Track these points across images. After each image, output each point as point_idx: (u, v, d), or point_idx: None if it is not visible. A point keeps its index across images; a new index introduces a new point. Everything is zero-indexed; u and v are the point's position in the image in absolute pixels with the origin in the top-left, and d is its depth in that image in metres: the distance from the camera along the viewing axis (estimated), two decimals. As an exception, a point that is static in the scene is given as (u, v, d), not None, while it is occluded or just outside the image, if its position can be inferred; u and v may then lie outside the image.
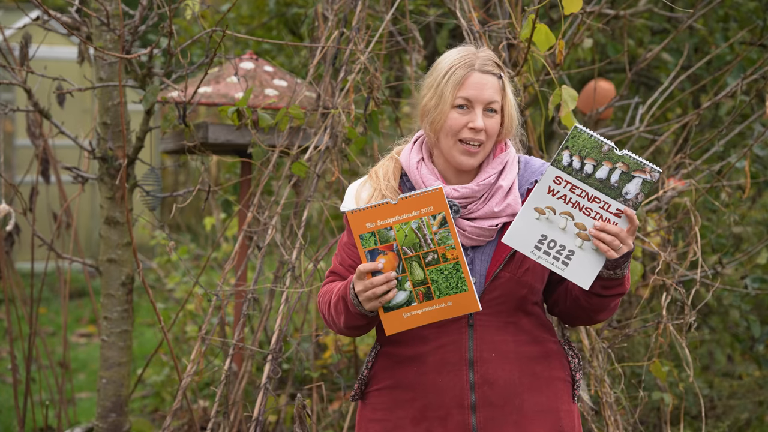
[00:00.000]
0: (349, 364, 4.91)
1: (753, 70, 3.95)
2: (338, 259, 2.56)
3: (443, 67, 2.46)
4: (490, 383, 2.42)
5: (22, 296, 4.80)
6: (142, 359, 6.52)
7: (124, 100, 3.71)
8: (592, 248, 2.30)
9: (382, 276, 2.29)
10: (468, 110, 2.42)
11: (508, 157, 2.49)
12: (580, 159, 2.23)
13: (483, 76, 2.43)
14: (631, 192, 2.24)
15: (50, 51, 8.34)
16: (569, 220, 2.28)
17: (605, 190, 2.24)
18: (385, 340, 2.51)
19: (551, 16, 4.87)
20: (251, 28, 5.93)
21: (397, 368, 2.49)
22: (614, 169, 2.23)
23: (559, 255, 2.30)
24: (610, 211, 2.26)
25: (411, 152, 2.52)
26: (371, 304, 2.32)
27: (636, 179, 2.23)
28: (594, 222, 2.28)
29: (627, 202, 2.25)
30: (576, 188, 2.25)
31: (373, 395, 2.54)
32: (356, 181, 2.59)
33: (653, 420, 4.63)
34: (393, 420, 2.48)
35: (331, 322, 2.51)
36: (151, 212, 4.23)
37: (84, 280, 8.04)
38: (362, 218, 2.28)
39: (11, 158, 9.43)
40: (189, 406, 3.84)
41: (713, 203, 4.35)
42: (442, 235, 2.28)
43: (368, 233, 2.28)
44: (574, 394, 2.54)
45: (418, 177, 2.47)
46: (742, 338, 4.91)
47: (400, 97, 5.37)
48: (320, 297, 2.54)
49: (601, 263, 2.31)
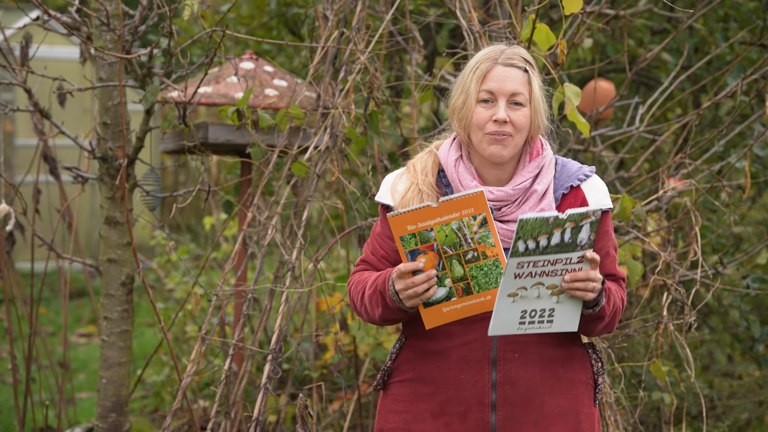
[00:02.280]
0: (349, 364, 4.91)
1: (753, 70, 3.95)
2: (370, 248, 2.56)
3: (470, 65, 2.48)
4: (512, 383, 2.43)
5: (22, 296, 4.80)
6: (142, 359, 6.51)
7: (124, 100, 3.71)
8: (568, 297, 2.34)
9: (423, 275, 2.31)
10: (492, 104, 2.43)
11: (545, 161, 2.49)
12: (534, 240, 2.25)
13: (506, 69, 2.43)
14: (584, 238, 2.28)
15: (50, 51, 8.34)
16: (541, 287, 2.32)
17: (563, 250, 2.28)
18: (411, 333, 2.53)
19: (551, 16, 4.87)
20: (251, 28, 5.93)
21: (420, 361, 2.50)
22: (564, 230, 2.26)
23: (542, 318, 2.35)
24: (572, 262, 2.30)
25: (450, 149, 2.52)
26: (412, 301, 2.34)
27: (585, 226, 2.27)
28: (562, 278, 2.31)
29: (583, 247, 2.28)
30: (538, 262, 2.28)
31: (395, 386, 2.55)
32: (392, 172, 2.59)
33: (653, 420, 4.63)
34: (413, 412, 2.49)
35: (362, 311, 2.51)
36: (151, 212, 4.23)
37: (84, 280, 8.04)
38: (403, 221, 2.30)
39: (11, 158, 9.43)
40: (189, 406, 3.84)
41: (713, 203, 4.35)
42: (482, 234, 2.31)
43: (409, 235, 2.31)
44: (596, 397, 2.55)
45: (455, 175, 2.47)
46: (742, 338, 4.91)
47: (400, 97, 5.37)
48: (351, 285, 2.54)
49: (581, 304, 2.36)
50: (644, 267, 3.79)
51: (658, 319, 3.59)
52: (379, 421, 2.58)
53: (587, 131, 3.12)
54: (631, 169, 4.66)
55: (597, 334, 2.51)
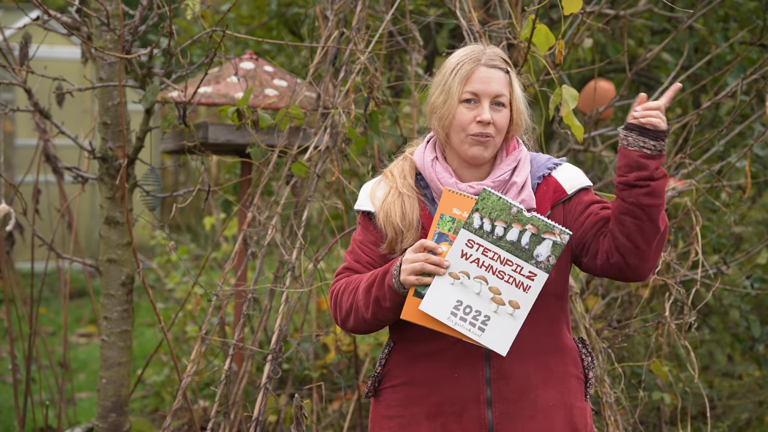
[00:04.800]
0: (349, 364, 4.91)
1: (753, 70, 3.95)
2: (353, 257, 2.55)
3: (450, 65, 2.48)
4: (506, 378, 2.43)
5: (22, 296, 4.80)
6: (142, 359, 6.51)
7: (124, 100, 3.71)
8: (507, 312, 2.29)
9: (438, 258, 2.30)
10: (475, 104, 2.44)
11: (521, 155, 2.51)
12: (491, 221, 2.24)
13: (489, 70, 2.44)
14: (542, 255, 2.25)
15: (50, 51, 8.34)
16: (483, 284, 2.29)
17: (517, 252, 2.25)
18: (399, 338, 2.52)
19: (551, 16, 4.87)
20: (251, 28, 5.93)
21: (412, 364, 2.49)
22: (524, 231, 2.24)
23: (475, 321, 2.30)
24: (522, 273, 2.26)
25: (425, 151, 2.53)
26: (410, 277, 2.31)
27: (546, 242, 2.24)
28: (508, 286, 2.28)
29: (539, 265, 2.26)
30: (488, 251, 2.26)
31: (387, 392, 2.53)
32: (369, 181, 2.60)
33: (653, 420, 4.63)
34: (408, 416, 2.48)
35: (351, 311, 2.46)
36: (151, 212, 4.23)
37: (84, 280, 8.04)
38: (454, 201, 2.31)
39: (11, 158, 9.42)
40: (189, 406, 3.84)
41: (713, 203, 4.35)
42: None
43: (450, 217, 2.31)
44: (587, 392, 2.55)
45: (433, 175, 2.48)
46: (743, 338, 4.91)
47: (400, 97, 5.37)
48: (338, 290, 2.51)
49: (518, 327, 2.30)
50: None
51: (658, 319, 3.59)
52: (372, 429, 2.57)
53: (581, 135, 3.12)
54: (631, 169, 4.64)
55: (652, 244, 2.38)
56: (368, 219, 2.54)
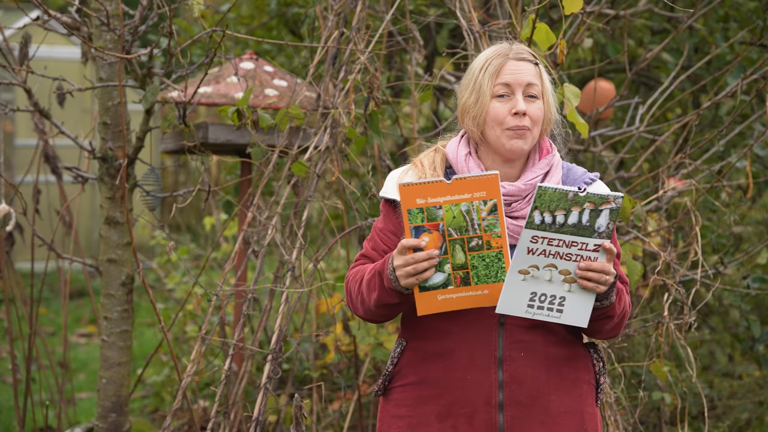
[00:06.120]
0: (349, 364, 4.91)
1: (753, 70, 3.95)
2: (371, 244, 2.53)
3: (478, 64, 2.47)
4: (519, 382, 2.42)
5: (22, 296, 4.80)
6: (142, 359, 6.51)
7: (124, 100, 3.71)
8: (580, 288, 2.32)
9: (425, 252, 2.26)
10: (508, 98, 2.43)
11: (554, 160, 2.50)
12: (551, 213, 2.24)
13: (518, 63, 2.44)
14: (602, 225, 2.26)
15: (50, 51, 8.34)
16: (553, 270, 2.30)
17: (580, 232, 2.26)
18: (411, 336, 2.50)
19: (551, 16, 4.87)
20: (251, 28, 5.93)
21: (423, 364, 2.47)
22: (583, 210, 2.25)
23: (552, 305, 2.33)
24: (588, 249, 2.28)
25: (459, 145, 2.51)
26: (408, 280, 2.29)
27: (604, 212, 2.25)
28: (576, 264, 2.29)
29: (601, 235, 2.27)
30: (553, 240, 2.26)
31: (397, 391, 2.52)
32: (397, 168, 2.57)
33: (653, 420, 4.63)
34: (417, 416, 2.47)
35: (358, 302, 2.47)
36: (151, 212, 4.23)
37: (84, 280, 8.04)
38: (414, 192, 2.26)
39: (11, 158, 9.43)
40: (189, 406, 3.84)
41: (713, 203, 4.35)
42: (490, 222, 2.27)
43: (417, 209, 2.27)
44: (598, 397, 2.55)
45: (465, 169, 2.46)
46: (743, 338, 4.91)
47: (400, 97, 5.37)
48: (349, 277, 2.51)
49: (593, 298, 2.34)
50: (644, 267, 3.79)
51: (658, 319, 3.58)
52: (381, 428, 2.55)
53: (586, 132, 3.13)
54: (631, 169, 4.66)
55: (604, 335, 2.50)
56: (391, 207, 2.51)
